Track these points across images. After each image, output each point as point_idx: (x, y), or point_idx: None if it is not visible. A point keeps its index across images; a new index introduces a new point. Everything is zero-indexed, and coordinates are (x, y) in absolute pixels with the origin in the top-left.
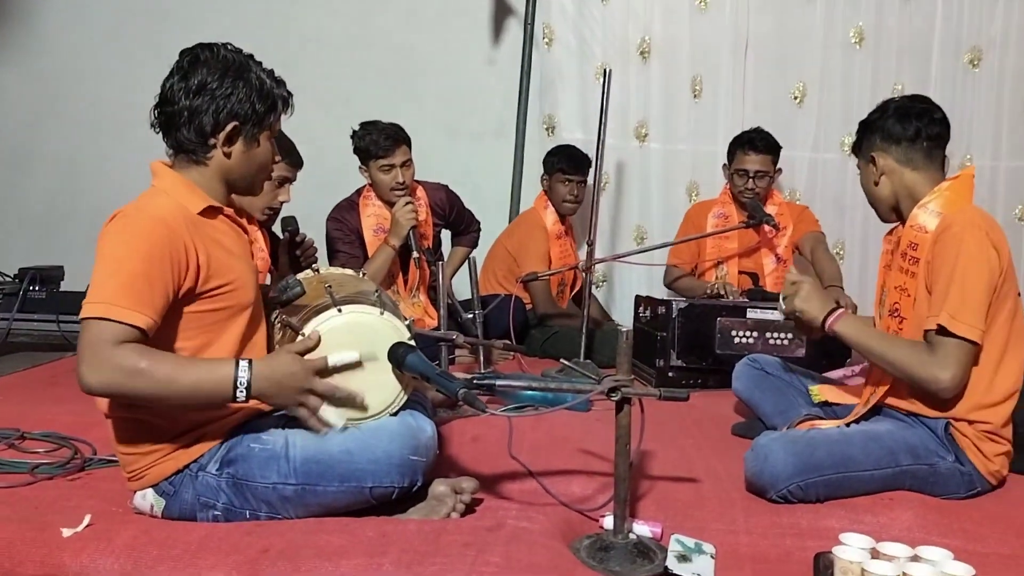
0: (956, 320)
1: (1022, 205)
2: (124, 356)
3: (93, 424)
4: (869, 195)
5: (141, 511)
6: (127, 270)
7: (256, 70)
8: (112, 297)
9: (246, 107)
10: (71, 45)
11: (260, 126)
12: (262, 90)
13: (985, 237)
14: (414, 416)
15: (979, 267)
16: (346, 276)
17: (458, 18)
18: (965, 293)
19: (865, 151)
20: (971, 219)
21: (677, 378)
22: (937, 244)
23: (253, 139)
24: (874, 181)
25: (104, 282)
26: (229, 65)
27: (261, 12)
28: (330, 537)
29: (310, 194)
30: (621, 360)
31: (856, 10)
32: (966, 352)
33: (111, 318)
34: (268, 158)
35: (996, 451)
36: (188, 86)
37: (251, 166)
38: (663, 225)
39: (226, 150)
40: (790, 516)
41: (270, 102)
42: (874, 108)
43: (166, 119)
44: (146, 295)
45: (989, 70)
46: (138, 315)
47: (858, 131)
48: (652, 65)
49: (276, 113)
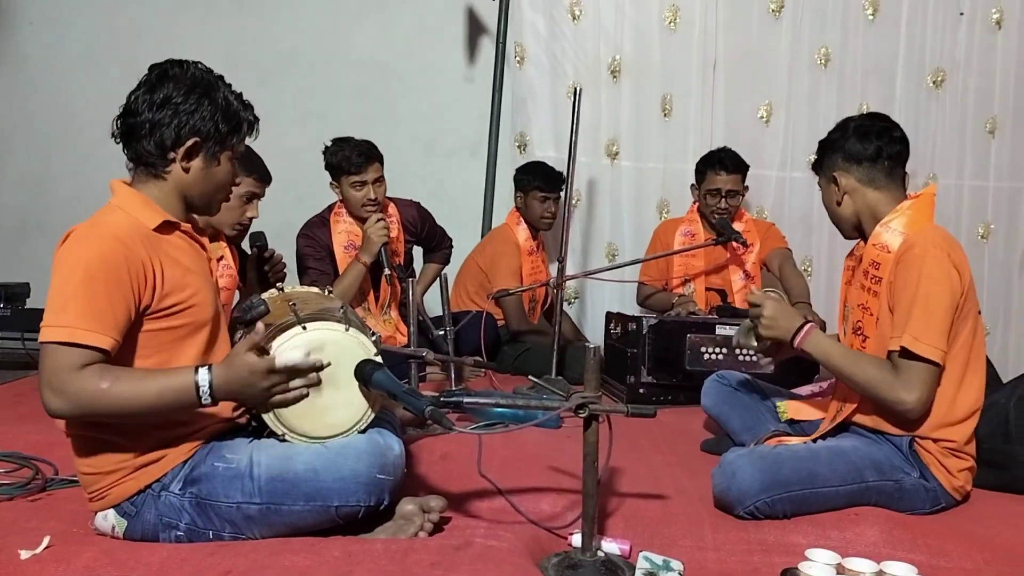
0: (919, 342)
1: (984, 224)
2: (86, 379)
3: (55, 444)
4: (832, 214)
5: (102, 532)
6: (87, 292)
7: (224, 90)
8: (74, 320)
9: (209, 125)
10: (44, 61)
11: (222, 145)
12: (228, 110)
13: (947, 258)
14: (382, 434)
15: (941, 288)
16: (311, 293)
17: (432, 36)
18: (928, 315)
19: (827, 170)
20: (933, 240)
21: (648, 394)
22: (899, 265)
23: (213, 157)
24: (836, 200)
25: (64, 305)
26: (197, 82)
27: (236, 29)
28: (295, 557)
29: (284, 210)
30: (589, 377)
31: (822, 31)
32: (930, 373)
33: (74, 342)
34: (227, 179)
35: (960, 467)
36: (153, 99)
37: (209, 184)
38: (634, 242)
39: (185, 165)
40: (757, 532)
41: (234, 123)
42: (834, 127)
43: (127, 130)
44: (107, 316)
45: (952, 91)
46: (101, 337)
47: (819, 150)
48: (623, 84)
49: (240, 135)
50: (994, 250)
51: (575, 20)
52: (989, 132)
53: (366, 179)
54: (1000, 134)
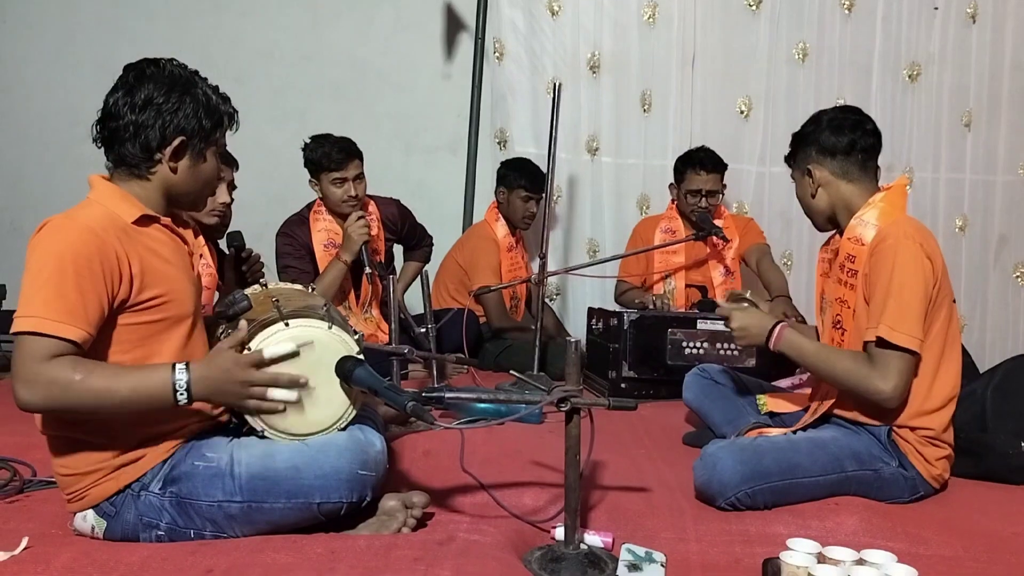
0: (894, 331)
1: (961, 216)
2: (57, 370)
3: (33, 445)
4: (805, 206)
5: (82, 533)
6: (57, 282)
7: (202, 85)
8: (43, 311)
9: (193, 122)
10: (18, 59)
11: (207, 141)
12: (208, 105)
13: (919, 248)
14: (363, 431)
15: (915, 278)
16: (294, 290)
17: (411, 33)
18: (902, 304)
19: (801, 163)
20: (905, 231)
21: (630, 389)
22: (873, 256)
23: (200, 154)
24: (811, 193)
25: (34, 295)
26: (176, 80)
27: (212, 27)
28: (277, 555)
29: (263, 208)
30: (570, 371)
31: (799, 27)
32: (906, 362)
33: (44, 332)
34: (213, 174)
35: (938, 455)
36: (134, 101)
37: (197, 181)
38: (615, 238)
39: (172, 165)
40: (739, 523)
41: (216, 117)
42: (807, 120)
43: (110, 134)
44: (79, 307)
45: (928, 85)
46: (71, 328)
47: (792, 143)
48: (602, 80)
49: (222, 128)
50: (971, 242)
51: (554, 16)
52: (965, 125)
53: (347, 175)
54: (976, 127)
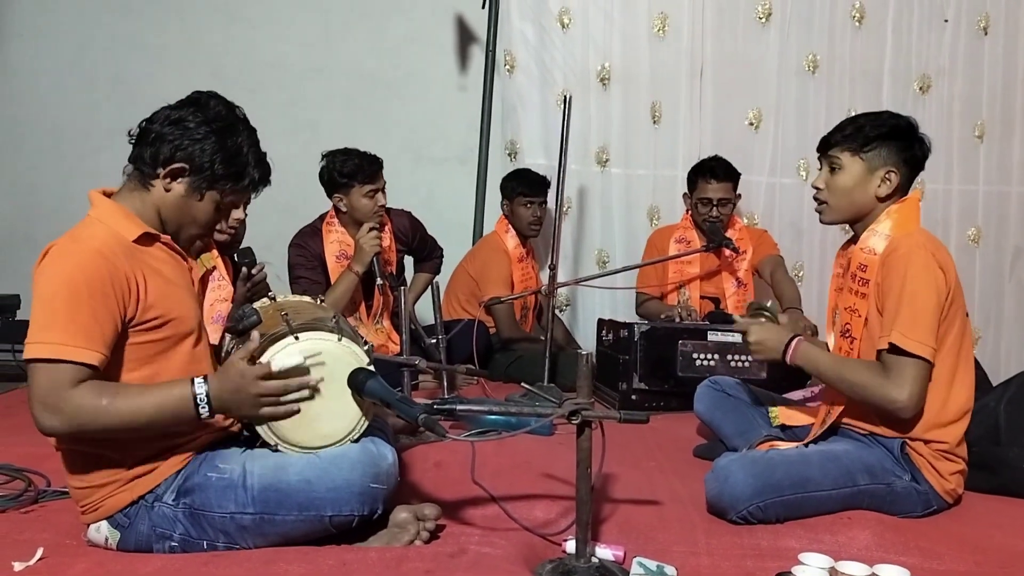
0: (907, 338)
1: (975, 227)
2: (83, 397)
3: (47, 456)
4: (842, 194)
5: (95, 544)
6: (71, 308)
7: (243, 138)
8: (60, 337)
9: (204, 159)
10: (33, 71)
11: (209, 184)
12: (233, 156)
13: (931, 257)
14: (375, 443)
15: (927, 287)
16: (303, 303)
17: (422, 45)
18: (915, 312)
19: (876, 158)
20: (917, 240)
21: (640, 401)
22: (885, 266)
23: (196, 190)
24: (871, 190)
25: (50, 322)
26: (218, 119)
27: (224, 39)
28: (289, 566)
29: (274, 220)
30: (581, 383)
31: (809, 38)
32: (920, 370)
33: (63, 359)
34: (204, 218)
35: (951, 470)
36: (171, 115)
37: (184, 214)
38: (625, 249)
39: (167, 185)
40: (751, 537)
41: (234, 169)
42: (897, 117)
43: (140, 132)
44: (94, 331)
45: (938, 97)
46: (89, 352)
47: (872, 131)
48: (612, 91)
49: (237, 184)
50: (985, 254)
51: (564, 28)
52: (977, 137)
53: (378, 186)
54: (988, 138)
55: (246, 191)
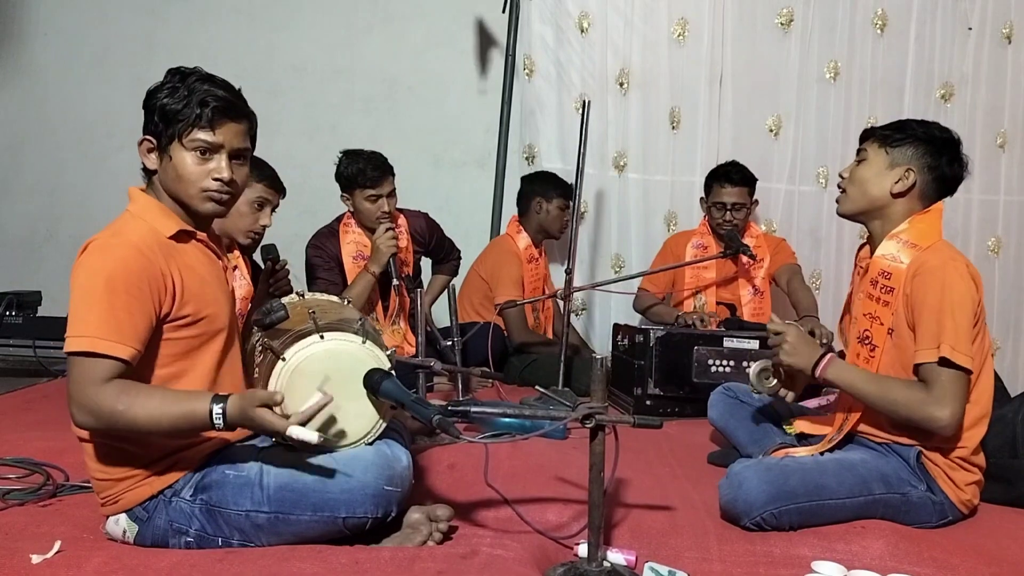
0: (956, 351)
1: (995, 237)
2: (104, 398)
3: (66, 450)
4: (860, 183)
5: (113, 537)
6: (108, 302)
7: (169, 83)
8: (96, 330)
9: (150, 125)
10: (56, 70)
11: (168, 140)
12: (165, 104)
13: (965, 269)
14: (390, 446)
15: (964, 298)
16: (331, 303)
17: (442, 48)
18: (957, 325)
19: (901, 154)
20: (949, 254)
21: (655, 406)
22: (917, 278)
23: (164, 153)
24: (888, 185)
25: (87, 315)
26: (156, 88)
27: (246, 42)
28: (303, 564)
29: (294, 220)
30: (596, 388)
31: (831, 45)
32: (962, 385)
33: (97, 352)
34: (187, 172)
35: (967, 480)
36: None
37: (171, 182)
38: (641, 254)
39: (151, 166)
40: (763, 544)
41: (172, 115)
42: (932, 123)
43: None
44: (127, 326)
45: (961, 105)
46: (122, 347)
47: (905, 129)
48: (631, 96)
49: (185, 125)
50: (1004, 264)
51: (583, 32)
52: (999, 146)
53: (380, 192)
54: (1010, 147)
55: (200, 126)
